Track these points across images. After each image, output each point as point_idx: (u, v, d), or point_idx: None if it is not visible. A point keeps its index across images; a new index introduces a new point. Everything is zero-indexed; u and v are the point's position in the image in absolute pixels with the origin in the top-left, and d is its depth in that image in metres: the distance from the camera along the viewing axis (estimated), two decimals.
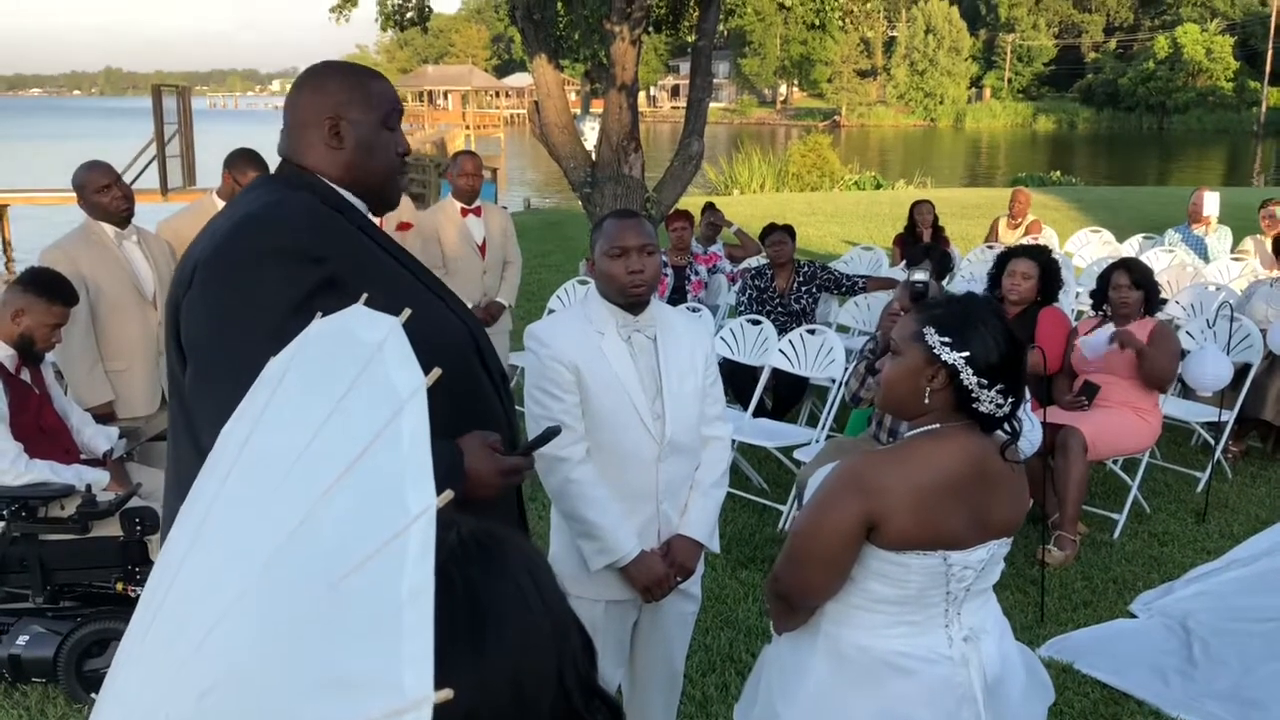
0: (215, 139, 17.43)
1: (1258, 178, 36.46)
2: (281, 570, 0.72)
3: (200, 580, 0.80)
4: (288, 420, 0.88)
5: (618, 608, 2.82)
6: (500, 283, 6.14)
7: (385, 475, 0.73)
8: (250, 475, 0.86)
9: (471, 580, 0.76)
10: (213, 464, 0.95)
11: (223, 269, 1.76)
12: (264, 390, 0.96)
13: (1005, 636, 2.20)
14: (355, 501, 0.73)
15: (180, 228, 4.94)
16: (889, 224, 15.39)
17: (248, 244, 1.77)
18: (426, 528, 0.68)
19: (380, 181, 1.97)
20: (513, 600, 0.78)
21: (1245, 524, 5.31)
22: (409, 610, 0.65)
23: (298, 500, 0.76)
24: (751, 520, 5.31)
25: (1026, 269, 5.32)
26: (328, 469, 0.76)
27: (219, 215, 1.92)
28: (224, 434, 0.98)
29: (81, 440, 3.92)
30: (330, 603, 0.68)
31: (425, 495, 0.70)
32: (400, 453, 0.74)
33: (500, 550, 0.80)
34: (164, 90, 18.68)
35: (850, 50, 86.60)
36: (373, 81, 1.97)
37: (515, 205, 24.76)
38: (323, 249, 1.78)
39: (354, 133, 1.91)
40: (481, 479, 1.82)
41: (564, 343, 2.71)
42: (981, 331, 1.99)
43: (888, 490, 1.96)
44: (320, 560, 0.70)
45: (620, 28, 8.79)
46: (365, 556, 0.68)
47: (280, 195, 1.86)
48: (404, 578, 0.66)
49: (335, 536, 0.72)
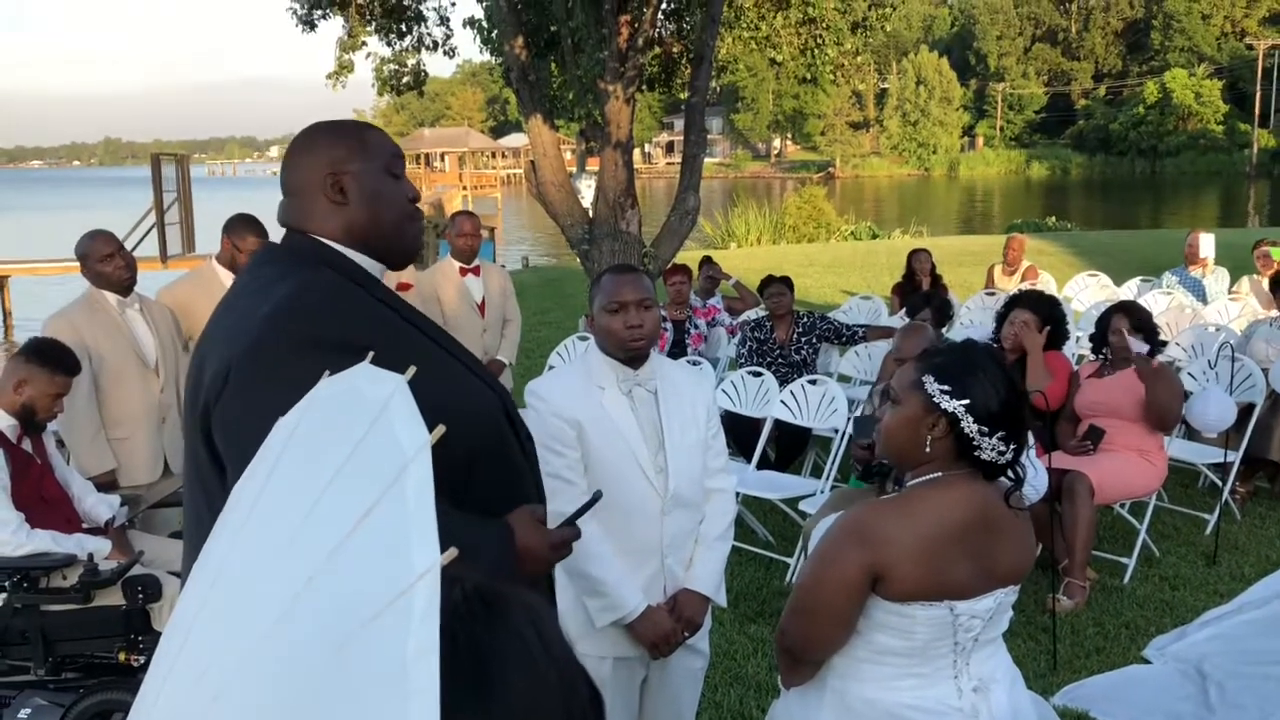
0: (214, 205, 17.56)
1: (1252, 218, 36.67)
2: (288, 631, 0.72)
3: (210, 643, 0.79)
4: (296, 479, 0.88)
5: (625, 665, 2.79)
6: (500, 341, 6.16)
7: (390, 533, 0.73)
8: (259, 535, 0.86)
9: (475, 636, 0.76)
10: (223, 523, 0.95)
11: (262, 365, 1.67)
12: (274, 449, 0.96)
13: (1016, 685, 2.17)
14: (361, 560, 0.73)
15: (180, 295, 4.96)
16: (886, 273, 15.44)
17: (286, 337, 1.68)
18: (431, 585, 0.68)
19: (393, 232, 1.87)
20: (517, 655, 0.77)
21: (1256, 565, 5.27)
22: (414, 670, 0.65)
23: (305, 560, 0.76)
24: (758, 574, 5.27)
25: (1026, 318, 5.32)
26: (334, 528, 0.76)
27: (234, 301, 1.83)
28: (235, 492, 0.97)
29: (83, 509, 3.91)
30: (337, 664, 0.67)
31: (430, 553, 0.70)
32: (405, 510, 0.74)
33: (504, 605, 0.79)
34: (163, 159, 18.86)
35: (842, 103, 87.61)
36: (367, 131, 1.90)
37: (513, 264, 24.88)
38: (363, 336, 1.66)
39: (357, 184, 1.82)
40: (534, 555, 1.80)
41: (565, 398, 2.71)
42: (981, 379, 1.99)
43: (891, 541, 1.95)
44: (327, 620, 0.70)
45: (614, 87, 8.90)
46: (371, 615, 0.68)
47: (302, 278, 1.77)
48: (410, 637, 0.66)
49: (341, 596, 0.71)
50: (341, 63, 10.87)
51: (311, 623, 0.71)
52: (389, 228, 1.87)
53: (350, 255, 1.84)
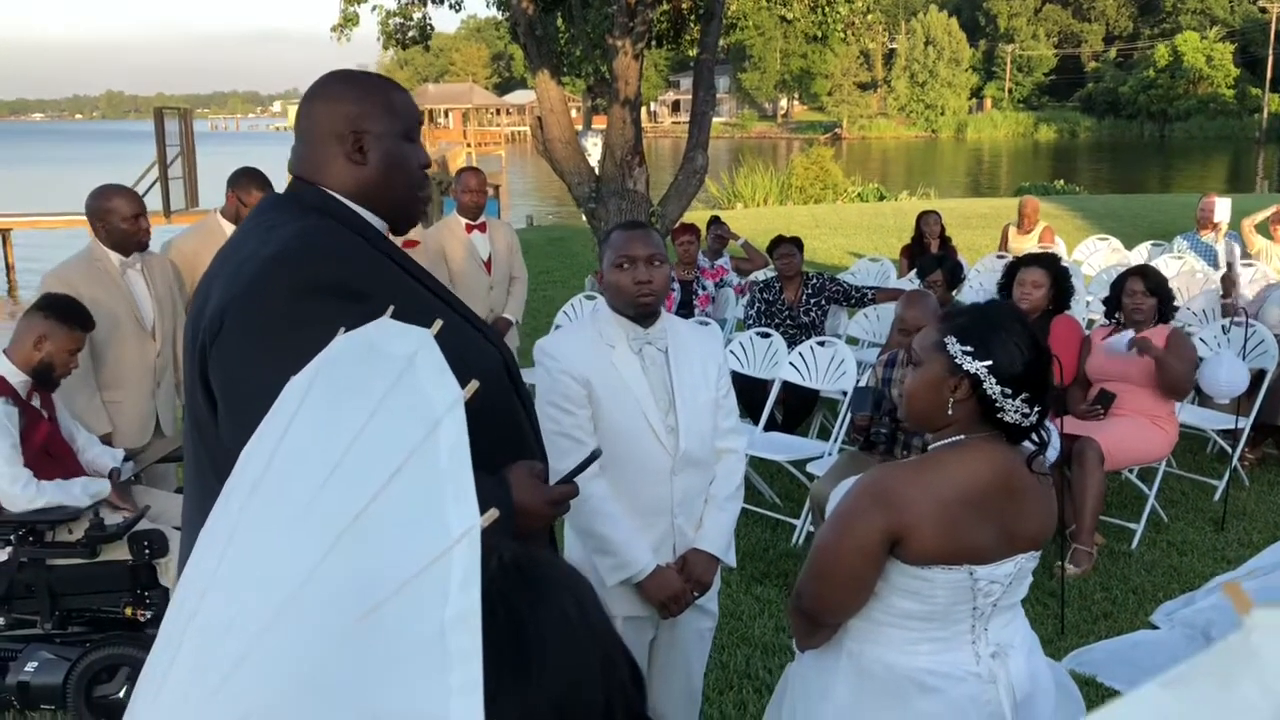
0: (217, 160, 17.41)
1: (1260, 184, 36.42)
2: (310, 602, 0.68)
3: (222, 614, 0.76)
4: (314, 440, 0.84)
5: (634, 624, 2.77)
6: (507, 298, 6.11)
7: (423, 494, 0.69)
8: (275, 499, 0.82)
9: (515, 608, 0.72)
10: (232, 488, 0.91)
11: (258, 308, 1.66)
12: (286, 410, 0.92)
13: (1035, 652, 2.14)
14: (391, 523, 0.69)
15: (185, 248, 4.91)
16: (893, 235, 15.35)
17: (284, 280, 1.67)
18: (470, 549, 0.64)
19: (402, 198, 1.87)
20: (559, 629, 0.74)
21: (1264, 532, 5.25)
22: (454, 636, 0.61)
23: (327, 524, 0.72)
24: (765, 535, 5.25)
25: (1037, 278, 5.27)
26: (359, 491, 0.72)
27: (235, 246, 1.81)
28: (244, 456, 0.94)
29: (86, 460, 3.87)
30: (363, 634, 0.64)
31: (468, 515, 0.67)
32: (438, 470, 0.70)
33: (544, 576, 0.76)
34: (166, 113, 18.71)
35: (850, 63, 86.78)
36: (393, 92, 1.87)
37: (518, 222, 24.75)
38: (360, 282, 1.69)
39: (378, 146, 1.80)
40: (531, 511, 1.77)
41: (575, 357, 2.67)
42: (1004, 339, 1.94)
43: (911, 504, 1.91)
44: (354, 588, 0.67)
45: (622, 43, 8.79)
46: (403, 581, 0.64)
47: (304, 224, 1.75)
48: (448, 603, 0.62)
49: (370, 561, 0.68)
50: (346, 15, 10.72)
51: (339, 587, 0.67)
52: (400, 192, 1.86)
53: (356, 209, 1.82)
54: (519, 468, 1.81)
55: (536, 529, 1.88)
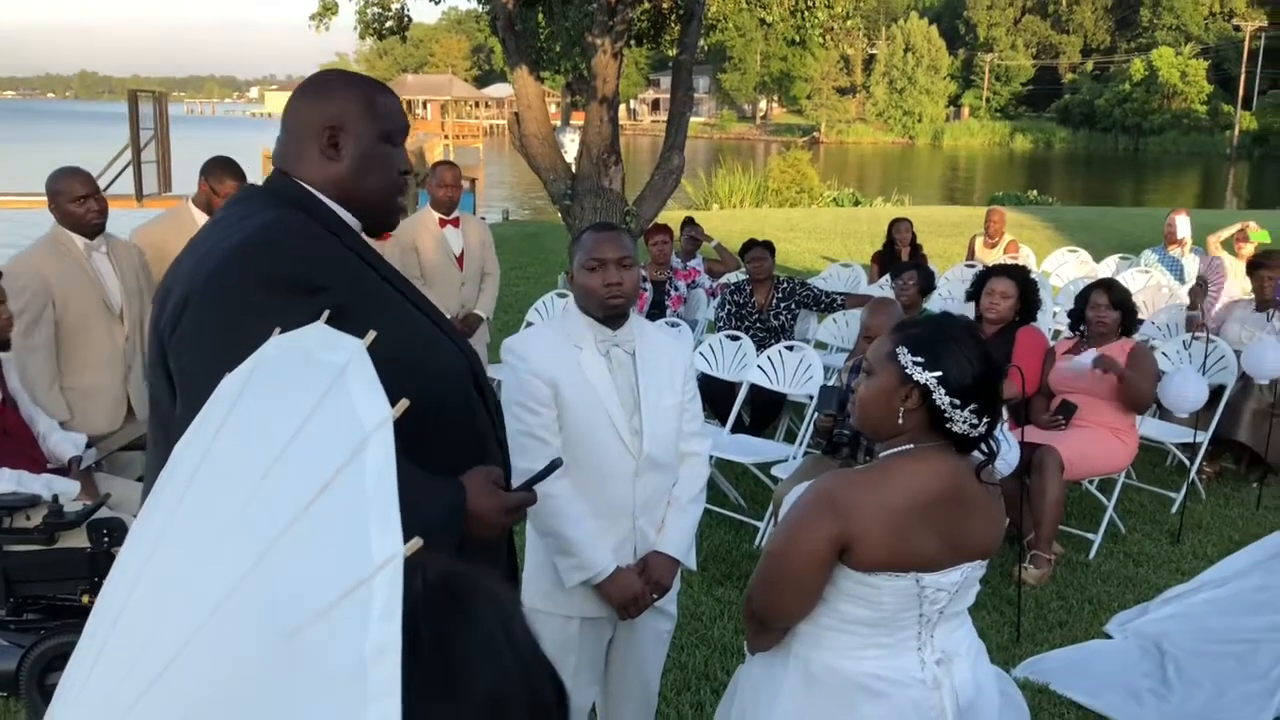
0: (192, 145, 17.25)
1: (1230, 201, 36.84)
2: (235, 614, 0.67)
3: (148, 620, 0.75)
4: (243, 448, 0.82)
5: (593, 625, 2.79)
6: (479, 294, 6.11)
7: (348, 516, 0.67)
8: (205, 504, 0.81)
9: (439, 627, 0.71)
10: (164, 488, 0.89)
11: (216, 299, 1.67)
12: (218, 412, 0.90)
13: (980, 660, 2.18)
14: (315, 544, 0.68)
15: (154, 236, 4.87)
16: (867, 241, 15.43)
17: (243, 271, 1.67)
18: (393, 578, 0.63)
19: (378, 200, 1.88)
20: (483, 648, 0.73)
21: (1219, 545, 5.33)
22: (374, 669, 0.60)
23: (255, 536, 0.70)
24: (728, 537, 5.28)
25: (1005, 288, 5.34)
26: (287, 505, 0.70)
27: (206, 235, 1.82)
28: (175, 454, 0.92)
29: (47, 447, 3.85)
30: (287, 655, 0.63)
31: (391, 542, 0.65)
32: (364, 493, 0.68)
33: (470, 597, 0.75)
34: (140, 95, 18.50)
35: (830, 67, 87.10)
36: (379, 94, 1.88)
37: (494, 217, 24.70)
38: (323, 277, 1.69)
39: (353, 144, 1.82)
40: (486, 518, 1.78)
41: (541, 357, 2.68)
42: (955, 351, 1.98)
43: (860, 511, 1.94)
44: (277, 605, 0.65)
45: (602, 40, 8.79)
46: (327, 606, 0.63)
47: (274, 215, 1.76)
48: (368, 635, 0.61)
49: (294, 580, 0.67)
50: (325, 4, 10.67)
51: (260, 607, 0.66)
52: (373, 194, 1.87)
53: (331, 205, 1.84)
54: (476, 473, 1.82)
55: (489, 536, 1.88)
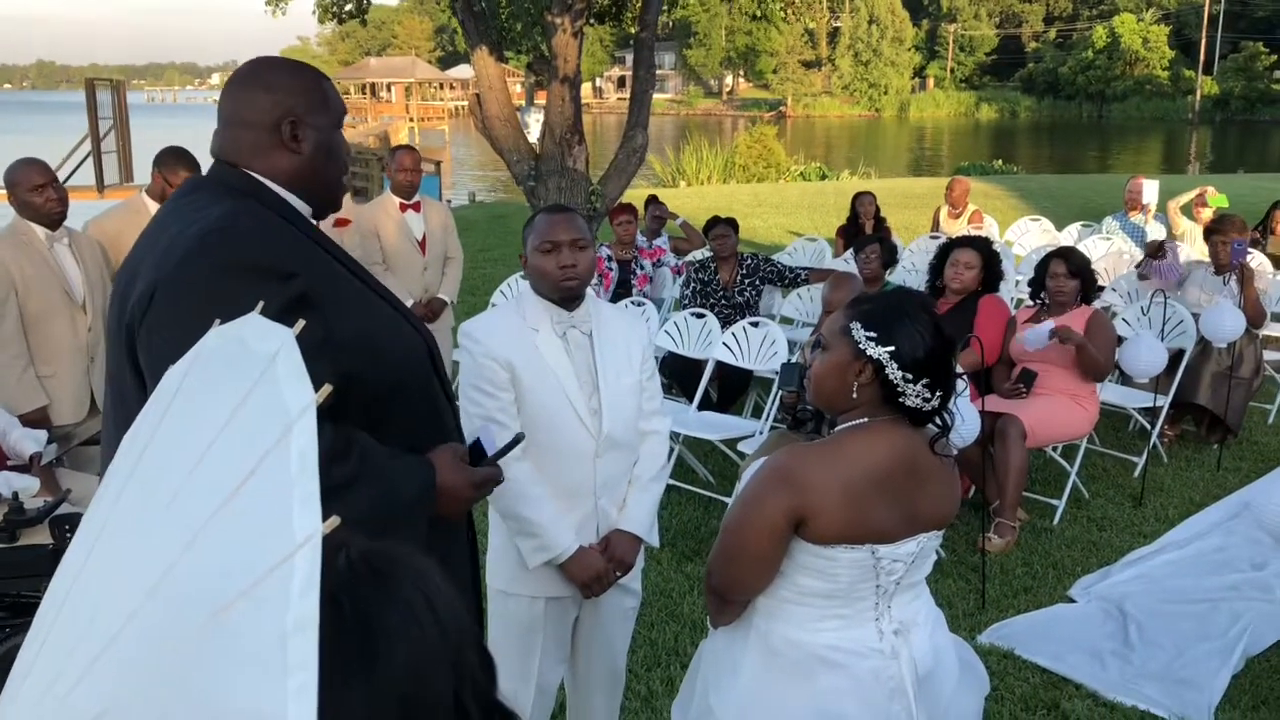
0: (154, 134, 17.03)
1: (1192, 165, 37.18)
2: (166, 598, 0.70)
3: (87, 608, 0.77)
4: (180, 435, 0.85)
5: (557, 605, 2.81)
6: (442, 279, 6.10)
7: (272, 498, 0.71)
8: (143, 493, 0.84)
9: (361, 604, 0.75)
10: (110, 479, 0.92)
11: (187, 288, 1.68)
12: (160, 403, 0.93)
13: (938, 629, 2.21)
14: (241, 525, 0.71)
15: (109, 227, 4.83)
16: (834, 214, 15.47)
17: (211, 259, 1.69)
18: (312, 555, 0.66)
19: (333, 186, 1.95)
20: (405, 623, 0.76)
21: (1180, 507, 5.41)
22: (294, 643, 0.63)
23: (187, 521, 0.73)
24: (697, 513, 5.32)
25: (969, 259, 5.38)
26: (216, 490, 0.74)
27: (160, 227, 1.82)
28: (122, 446, 0.95)
29: (7, 444, 3.82)
30: (213, 633, 0.66)
31: (311, 520, 0.69)
32: (288, 474, 0.72)
33: (393, 571, 0.79)
34: (97, 84, 18.25)
35: (795, 41, 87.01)
36: (325, 82, 1.95)
37: (460, 199, 24.57)
38: (291, 264, 1.72)
39: (315, 137, 1.87)
40: (455, 493, 1.83)
41: (498, 340, 2.69)
42: (908, 326, 2.00)
43: (815, 485, 1.96)
44: (205, 587, 0.69)
45: (562, 20, 8.75)
46: (251, 584, 0.66)
47: (232, 205, 1.77)
48: (289, 609, 0.64)
49: (221, 562, 0.70)
50: None
51: (190, 589, 0.69)
52: (329, 182, 1.94)
53: (283, 194, 1.86)
54: (444, 450, 1.87)
55: (459, 511, 1.92)
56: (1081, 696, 3.70)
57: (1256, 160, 37.79)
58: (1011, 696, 3.69)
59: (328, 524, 0.67)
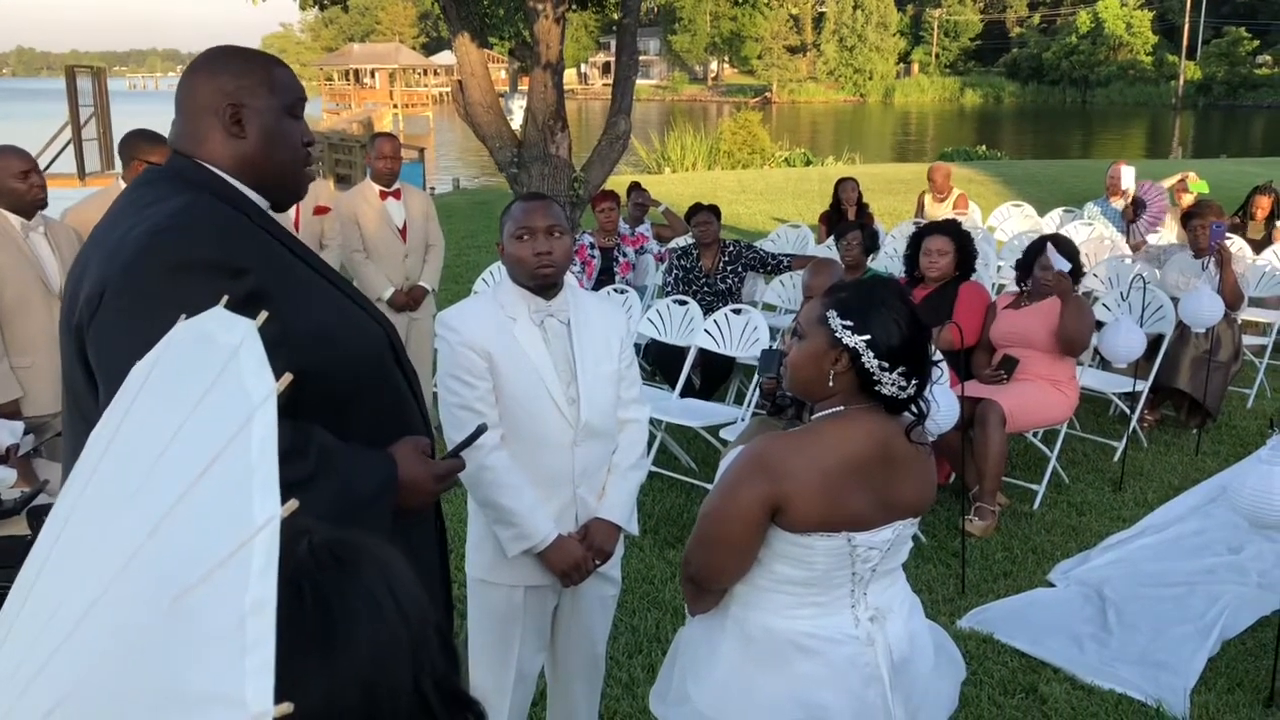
0: (137, 121, 16.86)
1: (1175, 150, 37.31)
2: (129, 583, 0.72)
3: (51, 600, 0.78)
4: (146, 426, 0.87)
5: (537, 593, 2.81)
6: (423, 266, 6.07)
7: (233, 485, 0.72)
8: (108, 484, 0.85)
9: (322, 589, 0.76)
10: (77, 472, 0.93)
11: (136, 287, 1.64)
12: (128, 395, 0.94)
13: (914, 615, 2.22)
14: (203, 511, 0.73)
15: (86, 216, 4.79)
16: (818, 201, 15.47)
17: (157, 258, 1.65)
18: (270, 538, 0.67)
19: (285, 174, 1.87)
20: (366, 609, 0.77)
21: (1159, 491, 5.45)
22: (251, 623, 0.65)
23: (150, 510, 0.75)
24: (679, 500, 5.33)
25: (942, 245, 5.40)
26: (179, 479, 0.75)
27: (110, 224, 1.78)
28: (90, 439, 0.96)
29: None
30: (173, 618, 0.67)
31: (270, 505, 0.70)
32: (249, 461, 0.73)
33: (355, 559, 0.79)
34: (78, 71, 18.09)
35: (780, 26, 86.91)
36: (275, 67, 1.87)
37: (444, 185, 24.48)
38: (242, 259, 1.68)
39: (258, 120, 1.80)
40: (417, 486, 1.82)
41: (475, 329, 2.68)
42: (884, 315, 2.00)
43: (791, 473, 1.97)
44: (167, 574, 0.70)
45: (544, 5, 8.70)
46: (211, 568, 0.68)
47: (181, 200, 1.73)
48: (248, 590, 0.66)
49: (182, 549, 0.71)
50: None
51: (151, 575, 0.70)
52: (280, 168, 1.87)
53: (236, 185, 1.82)
54: (405, 444, 1.85)
55: (423, 504, 1.91)
56: (1059, 680, 3.73)
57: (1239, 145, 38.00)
58: (990, 680, 3.71)
59: (286, 507, 0.69)
